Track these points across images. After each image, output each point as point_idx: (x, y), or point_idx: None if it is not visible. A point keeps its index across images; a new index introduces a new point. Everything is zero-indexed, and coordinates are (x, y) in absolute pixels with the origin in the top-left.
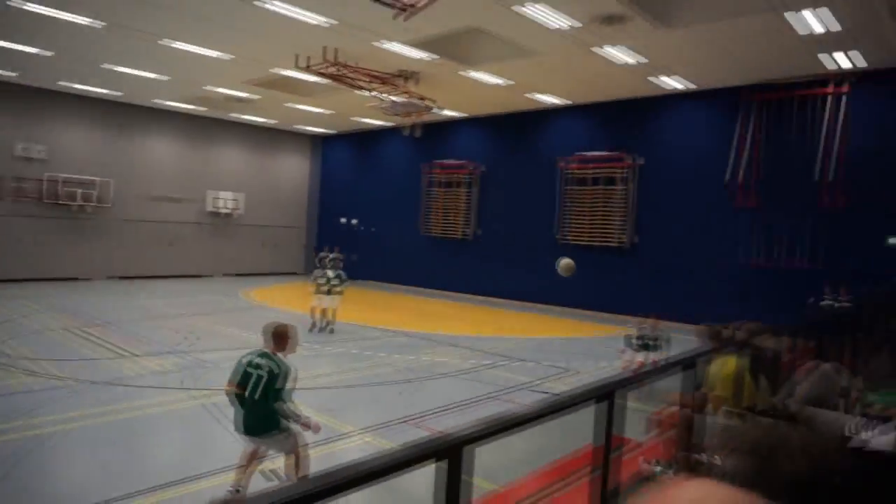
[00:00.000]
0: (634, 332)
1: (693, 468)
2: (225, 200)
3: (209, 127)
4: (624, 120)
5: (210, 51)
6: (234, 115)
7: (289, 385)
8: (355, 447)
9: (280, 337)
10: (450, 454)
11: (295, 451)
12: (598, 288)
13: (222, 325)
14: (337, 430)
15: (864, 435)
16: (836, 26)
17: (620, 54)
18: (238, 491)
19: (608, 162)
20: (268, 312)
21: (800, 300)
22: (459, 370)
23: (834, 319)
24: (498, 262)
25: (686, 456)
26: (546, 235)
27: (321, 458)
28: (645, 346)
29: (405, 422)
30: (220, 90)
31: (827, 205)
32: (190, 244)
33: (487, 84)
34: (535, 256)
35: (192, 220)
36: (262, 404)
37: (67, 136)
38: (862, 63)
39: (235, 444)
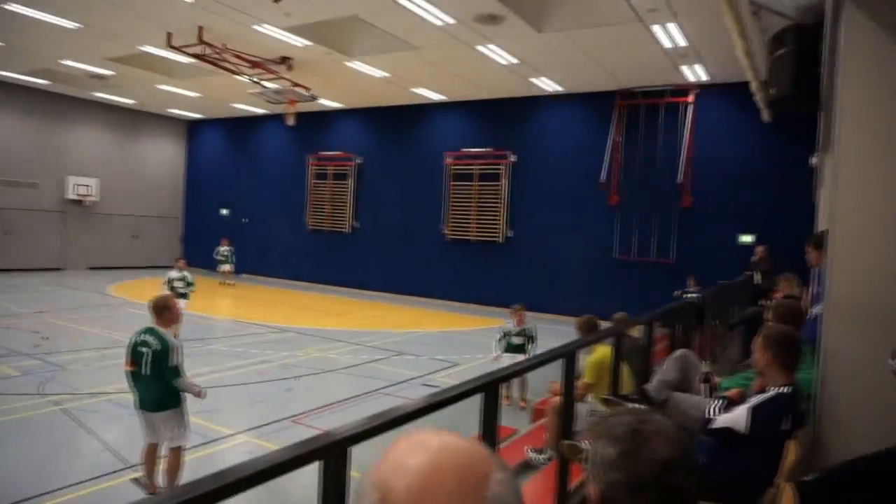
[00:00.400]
0: (501, 332)
1: (575, 453)
2: (93, 188)
3: (67, 106)
4: (505, 118)
5: (60, 19)
6: (98, 95)
7: (174, 360)
8: (234, 450)
9: (159, 309)
10: (335, 454)
11: (176, 451)
12: (479, 282)
13: (86, 323)
14: (215, 433)
15: (720, 416)
16: (683, 41)
17: (494, 55)
18: (153, 494)
19: (491, 158)
20: (137, 309)
21: (668, 292)
22: (346, 366)
23: (688, 309)
24: (382, 256)
25: (568, 444)
26: (433, 230)
27: (198, 462)
28: (514, 348)
29: (289, 421)
30: (79, 66)
31: (688, 205)
32: (46, 234)
33: (370, 76)
34: (421, 251)
35: (47, 208)
36: (154, 381)
37: None
38: (715, 75)
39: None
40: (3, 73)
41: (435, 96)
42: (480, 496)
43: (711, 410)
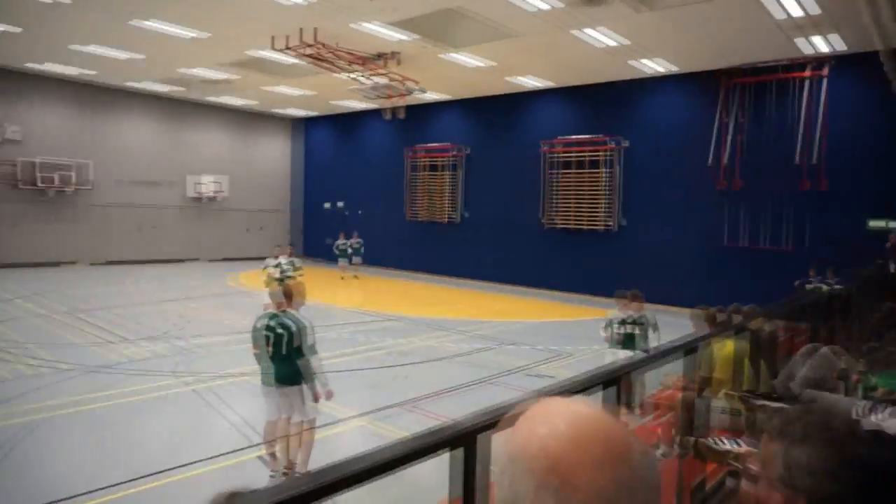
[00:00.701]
0: (615, 319)
1: (701, 452)
2: (207, 184)
3: (188, 109)
4: (607, 103)
5: (182, 30)
6: (213, 98)
7: (309, 340)
8: (352, 432)
9: (290, 294)
10: (464, 442)
11: (304, 431)
12: (585, 271)
13: (210, 310)
14: (331, 416)
15: (872, 418)
16: (815, 10)
17: (602, 36)
18: (289, 469)
19: (591, 145)
20: (254, 298)
21: (782, 282)
22: (452, 354)
23: (825, 302)
24: (484, 245)
25: (693, 440)
26: (532, 219)
27: (317, 443)
28: (628, 339)
29: (401, 406)
30: (196, 71)
31: (808, 188)
32: (173, 228)
33: (469, 66)
34: (521, 240)
35: (173, 205)
36: (290, 359)
37: (43, 117)
38: (841, 47)
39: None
40: (139, 85)
41: (534, 83)
42: (627, 465)
43: (863, 411)
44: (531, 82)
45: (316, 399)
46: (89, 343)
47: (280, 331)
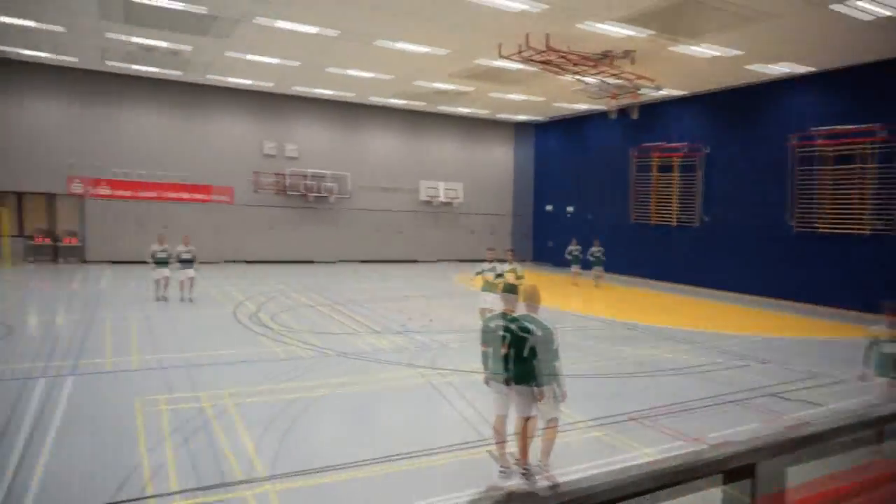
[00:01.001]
0: (883, 338)
1: None
2: (441, 190)
3: (420, 119)
4: (877, 86)
5: (420, 47)
6: (445, 108)
7: (555, 343)
8: (585, 440)
9: (532, 296)
10: (740, 471)
11: (547, 429)
12: (848, 283)
13: (442, 308)
14: (562, 420)
15: None
16: None
17: (875, 6)
18: (525, 467)
19: (859, 136)
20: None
21: None
22: (688, 367)
23: None
24: (721, 250)
25: None
26: (777, 222)
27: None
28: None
29: (634, 419)
30: (432, 84)
31: None
32: (408, 231)
33: (704, 57)
34: (764, 245)
35: (409, 209)
36: (526, 361)
37: (311, 135)
38: None
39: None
40: (382, 100)
41: (782, 70)
42: None
43: None
44: (779, 69)
45: (540, 398)
46: (345, 332)
47: (521, 333)
